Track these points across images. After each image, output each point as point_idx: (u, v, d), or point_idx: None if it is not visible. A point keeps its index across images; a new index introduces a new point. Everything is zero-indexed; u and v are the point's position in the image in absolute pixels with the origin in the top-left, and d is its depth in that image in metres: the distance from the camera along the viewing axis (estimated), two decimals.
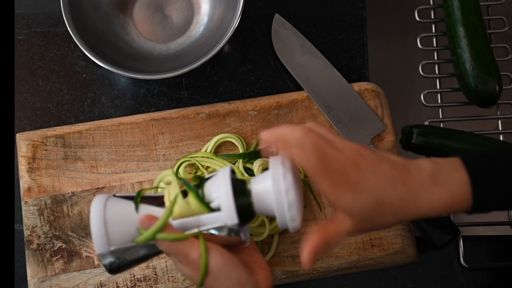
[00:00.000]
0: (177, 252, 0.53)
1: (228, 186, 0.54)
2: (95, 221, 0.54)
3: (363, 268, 0.71)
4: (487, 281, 0.76)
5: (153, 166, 0.73)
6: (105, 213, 0.55)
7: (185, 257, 0.53)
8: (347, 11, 0.81)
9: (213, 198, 0.54)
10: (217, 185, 0.54)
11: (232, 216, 0.53)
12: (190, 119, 0.74)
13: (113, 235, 0.54)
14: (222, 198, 0.53)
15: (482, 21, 0.77)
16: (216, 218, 0.54)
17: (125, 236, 0.55)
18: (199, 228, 0.54)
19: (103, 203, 0.56)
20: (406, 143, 0.76)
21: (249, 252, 0.57)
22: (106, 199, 0.56)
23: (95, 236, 0.54)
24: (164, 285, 0.70)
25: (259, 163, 0.71)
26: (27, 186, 0.72)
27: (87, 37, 0.72)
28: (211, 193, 0.55)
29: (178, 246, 0.53)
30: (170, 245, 0.53)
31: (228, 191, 0.53)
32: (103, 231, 0.54)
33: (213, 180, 0.55)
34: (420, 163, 0.52)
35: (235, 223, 0.53)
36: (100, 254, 0.54)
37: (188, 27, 0.80)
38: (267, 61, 0.79)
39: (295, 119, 0.74)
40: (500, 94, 0.75)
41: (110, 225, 0.54)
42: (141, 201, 0.56)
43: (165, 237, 0.53)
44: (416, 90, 0.84)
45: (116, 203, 0.56)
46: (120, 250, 0.55)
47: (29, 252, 0.70)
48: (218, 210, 0.54)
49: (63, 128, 0.74)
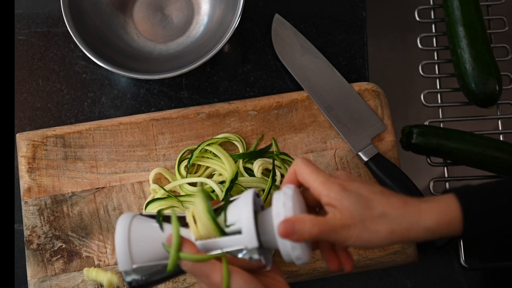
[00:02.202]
0: (199, 273, 0.53)
1: (249, 209, 0.53)
2: (120, 238, 0.54)
3: (363, 268, 0.71)
4: (487, 281, 0.76)
5: (153, 166, 0.73)
6: (129, 231, 0.55)
7: (207, 279, 0.52)
8: (347, 11, 0.81)
9: (235, 220, 0.54)
10: (240, 208, 0.54)
11: (252, 239, 0.53)
12: (190, 119, 0.74)
13: (136, 253, 0.54)
14: (243, 221, 0.53)
15: (482, 21, 0.77)
16: (237, 240, 0.53)
17: (149, 255, 0.55)
18: (222, 250, 0.54)
19: (128, 221, 0.56)
20: (406, 143, 0.76)
21: (272, 275, 0.56)
22: (132, 217, 0.56)
23: (119, 253, 0.54)
24: (164, 285, 0.70)
25: (259, 163, 0.71)
26: (27, 186, 0.72)
27: (87, 37, 0.72)
28: (234, 215, 0.54)
29: (201, 267, 0.52)
30: (193, 266, 0.53)
31: (249, 215, 0.53)
32: (127, 249, 0.54)
33: (237, 202, 0.55)
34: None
35: (255, 246, 0.53)
36: (123, 272, 0.54)
37: (188, 27, 0.80)
38: (267, 61, 0.79)
39: (295, 119, 0.74)
40: (500, 94, 0.75)
41: (134, 243, 0.54)
42: (165, 221, 0.56)
43: (188, 257, 0.52)
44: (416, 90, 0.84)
45: (142, 221, 0.56)
46: (143, 269, 0.55)
47: (29, 252, 0.70)
48: (239, 233, 0.53)
49: (63, 128, 0.74)
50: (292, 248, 0.52)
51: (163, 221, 0.56)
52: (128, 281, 0.55)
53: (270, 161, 0.71)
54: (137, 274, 0.55)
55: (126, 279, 0.55)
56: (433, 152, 0.75)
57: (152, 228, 0.56)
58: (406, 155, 0.79)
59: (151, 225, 0.56)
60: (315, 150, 0.74)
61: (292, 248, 0.52)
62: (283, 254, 0.54)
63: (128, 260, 0.54)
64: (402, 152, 0.77)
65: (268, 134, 0.74)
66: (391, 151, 0.74)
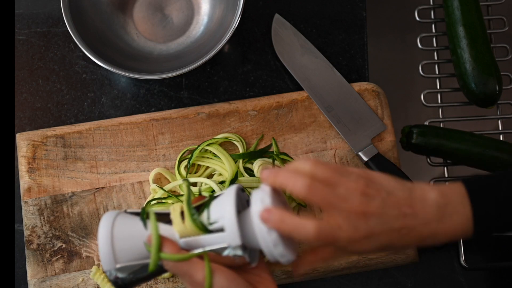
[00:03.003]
0: (182, 273, 0.52)
1: (232, 206, 0.52)
2: (102, 238, 0.53)
3: (363, 268, 0.71)
4: (487, 281, 0.76)
5: (153, 166, 0.73)
6: (112, 230, 0.54)
7: (190, 278, 0.52)
8: (347, 11, 0.81)
9: (218, 218, 0.53)
10: (222, 205, 0.53)
11: (235, 237, 0.52)
12: (190, 119, 0.74)
13: (120, 252, 0.53)
14: (226, 218, 0.52)
15: (482, 21, 0.77)
16: (220, 238, 0.52)
17: (132, 254, 0.54)
18: (204, 248, 0.53)
19: (111, 220, 0.55)
20: (406, 143, 0.76)
21: (257, 272, 0.56)
22: (115, 215, 0.55)
23: (102, 253, 0.53)
24: (164, 285, 0.70)
25: (259, 163, 0.71)
26: (27, 186, 0.72)
27: (87, 37, 0.72)
28: (216, 212, 0.53)
29: (183, 266, 0.52)
30: (174, 265, 0.52)
31: (232, 212, 0.52)
32: (110, 249, 0.53)
33: (220, 199, 0.54)
34: (426, 195, 0.52)
35: (238, 244, 0.52)
36: (106, 271, 0.54)
37: (188, 27, 0.80)
38: (267, 61, 0.79)
39: (295, 119, 0.74)
40: (500, 94, 0.75)
41: (117, 242, 0.53)
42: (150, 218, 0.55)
43: (168, 257, 0.52)
44: (416, 90, 0.84)
45: (126, 219, 0.55)
46: (127, 268, 0.54)
47: (29, 252, 0.70)
48: (222, 231, 0.52)
49: (63, 128, 0.74)
50: (274, 246, 0.52)
51: (147, 219, 0.55)
52: (112, 280, 0.54)
53: (270, 161, 0.71)
54: (121, 273, 0.54)
55: (110, 277, 0.54)
56: (433, 152, 0.75)
57: (135, 226, 0.55)
58: (406, 155, 0.79)
59: (135, 223, 0.55)
60: (315, 150, 0.74)
61: (274, 245, 0.52)
62: (266, 252, 0.53)
63: (112, 260, 0.53)
64: (402, 152, 0.77)
65: (268, 134, 0.74)
66: (391, 151, 0.74)
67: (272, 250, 0.52)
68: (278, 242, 0.52)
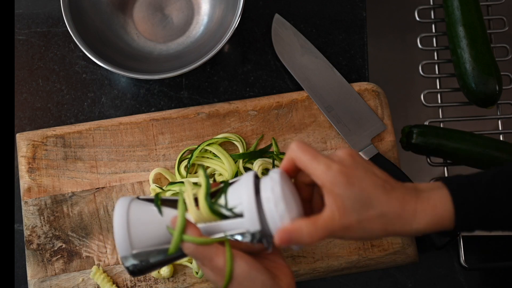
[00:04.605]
0: (202, 257, 0.52)
1: (251, 192, 0.53)
2: (118, 223, 0.53)
3: (363, 268, 0.71)
4: (487, 281, 0.76)
5: (153, 166, 0.73)
6: (128, 216, 0.54)
7: (210, 262, 0.52)
8: (347, 11, 0.81)
9: (236, 204, 0.53)
10: (240, 191, 0.53)
11: (254, 222, 0.52)
12: (190, 119, 0.74)
13: (136, 238, 0.53)
14: (244, 204, 0.53)
15: (482, 21, 0.77)
16: (239, 224, 0.53)
17: (147, 239, 0.54)
18: (224, 233, 0.54)
19: (126, 205, 0.55)
20: (406, 143, 0.76)
21: (273, 258, 0.56)
22: (129, 201, 0.55)
23: (118, 239, 0.53)
24: (164, 285, 0.70)
25: (259, 163, 0.71)
26: (27, 186, 0.72)
27: (87, 37, 0.72)
28: (234, 198, 0.54)
29: (204, 250, 0.52)
30: (195, 249, 0.52)
31: (251, 197, 0.52)
32: (126, 234, 0.53)
33: (237, 185, 0.54)
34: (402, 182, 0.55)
35: (257, 229, 0.52)
36: (123, 257, 0.54)
37: (188, 27, 0.80)
38: (267, 61, 0.79)
39: (295, 119, 0.74)
40: (500, 94, 0.75)
41: (133, 228, 0.54)
42: (164, 204, 0.55)
43: (192, 240, 0.52)
44: (416, 90, 0.84)
45: (140, 205, 0.55)
46: (143, 253, 0.54)
47: (29, 252, 0.70)
48: (241, 216, 0.53)
49: (63, 128, 0.74)
50: (275, 203, 0.52)
51: (161, 205, 0.55)
52: (127, 265, 0.54)
53: (270, 161, 0.71)
54: (136, 259, 0.54)
55: (125, 264, 0.54)
56: (433, 152, 0.75)
57: (150, 212, 0.55)
58: (406, 155, 0.79)
59: (150, 209, 0.55)
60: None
61: (275, 203, 0.52)
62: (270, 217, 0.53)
63: (128, 246, 0.53)
64: (402, 152, 0.77)
65: (268, 134, 0.74)
66: (391, 151, 0.74)
67: (273, 210, 0.52)
68: (279, 199, 0.52)
